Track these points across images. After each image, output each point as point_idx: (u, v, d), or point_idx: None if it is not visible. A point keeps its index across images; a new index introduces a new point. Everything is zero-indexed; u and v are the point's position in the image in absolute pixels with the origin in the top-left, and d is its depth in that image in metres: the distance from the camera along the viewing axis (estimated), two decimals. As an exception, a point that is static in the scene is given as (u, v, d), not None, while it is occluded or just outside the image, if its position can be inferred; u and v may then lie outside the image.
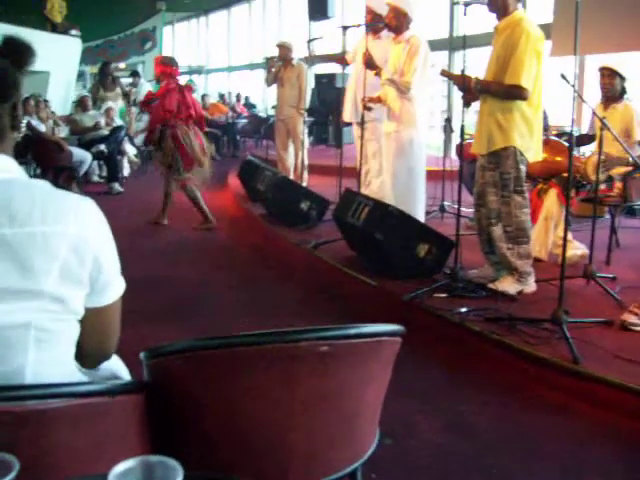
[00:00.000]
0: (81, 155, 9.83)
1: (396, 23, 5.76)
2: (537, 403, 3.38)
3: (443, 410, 3.40)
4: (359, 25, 6.53)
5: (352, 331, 1.66)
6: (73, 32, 14.27)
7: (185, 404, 1.66)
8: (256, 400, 1.62)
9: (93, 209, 1.53)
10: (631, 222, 6.18)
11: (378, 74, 5.92)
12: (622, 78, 5.34)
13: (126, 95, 12.35)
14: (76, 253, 1.43)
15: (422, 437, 3.13)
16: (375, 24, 6.30)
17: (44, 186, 1.49)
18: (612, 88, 5.39)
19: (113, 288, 1.57)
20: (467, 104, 4.55)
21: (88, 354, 1.63)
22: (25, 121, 9.38)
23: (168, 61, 7.39)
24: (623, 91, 5.35)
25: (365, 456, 1.87)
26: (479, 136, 4.44)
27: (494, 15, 4.29)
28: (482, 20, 5.35)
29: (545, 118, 5.11)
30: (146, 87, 11.72)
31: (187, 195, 7.40)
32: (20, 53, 1.56)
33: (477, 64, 4.76)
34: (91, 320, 1.55)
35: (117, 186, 10.22)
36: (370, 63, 5.91)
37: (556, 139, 5.56)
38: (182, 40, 27.85)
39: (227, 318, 4.67)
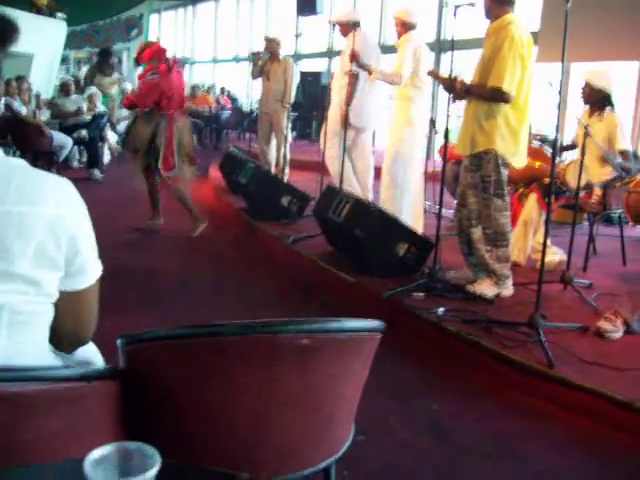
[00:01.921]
0: (62, 140, 9.73)
1: (397, 30, 6.23)
2: (511, 406, 3.39)
3: (417, 409, 3.41)
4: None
5: (333, 325, 1.64)
6: (59, 15, 14.12)
7: (161, 393, 1.64)
8: (233, 390, 1.60)
9: (71, 190, 1.48)
10: (608, 230, 6.22)
11: (369, 72, 6.15)
12: (601, 91, 5.35)
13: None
14: (52, 234, 1.40)
15: (395, 436, 3.13)
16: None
17: (21, 164, 1.44)
18: (590, 99, 5.43)
19: (89, 272, 1.53)
20: (454, 100, 4.55)
21: (64, 338, 1.60)
22: (4, 102, 9.29)
23: (151, 42, 6.92)
24: (605, 102, 5.36)
25: (340, 452, 1.86)
26: (463, 137, 4.45)
27: (486, 19, 4.30)
28: (471, 23, 5.37)
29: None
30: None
31: (175, 196, 6.73)
32: (3, 30, 1.49)
33: (465, 66, 4.75)
34: (67, 304, 1.52)
35: (97, 173, 10.14)
36: (358, 61, 6.04)
37: (537, 145, 5.59)
38: (168, 29, 27.68)
39: (203, 309, 4.63)
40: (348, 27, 6.76)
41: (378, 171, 6.55)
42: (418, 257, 4.94)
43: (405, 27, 6.14)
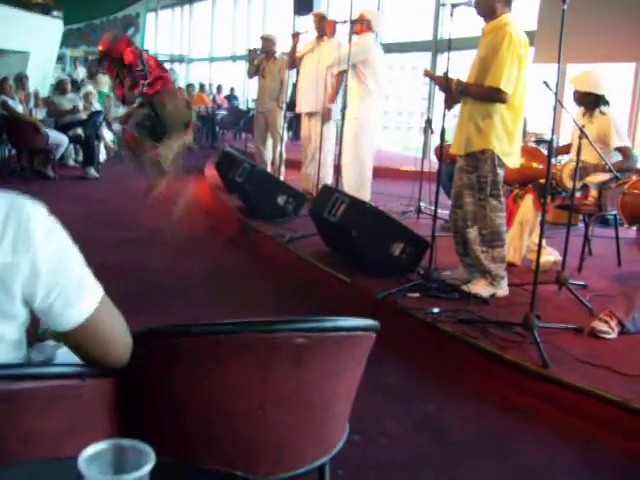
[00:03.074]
0: (58, 138, 9.74)
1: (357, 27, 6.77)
2: (506, 406, 3.40)
3: (412, 409, 3.41)
4: (345, 22, 6.83)
5: (328, 324, 1.65)
6: (55, 13, 14.09)
7: (156, 391, 1.64)
8: (229, 389, 1.61)
9: (29, 223, 1.29)
10: (604, 231, 6.24)
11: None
12: (588, 93, 5.36)
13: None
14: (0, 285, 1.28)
15: (390, 435, 3.13)
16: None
17: None
18: (580, 102, 5.44)
19: (74, 307, 1.36)
20: (449, 106, 4.56)
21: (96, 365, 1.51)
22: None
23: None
24: (598, 102, 5.36)
25: (334, 451, 1.87)
26: (458, 138, 4.44)
27: (482, 18, 4.29)
28: (468, 23, 5.39)
29: (524, 124, 5.15)
30: None
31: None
32: None
33: (461, 67, 4.75)
34: (70, 342, 1.42)
35: (93, 171, 10.13)
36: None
37: (533, 146, 5.59)
38: (165, 28, 27.66)
39: (198, 309, 4.63)
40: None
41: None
42: (413, 257, 4.94)
43: (367, 28, 6.71)
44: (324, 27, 7.59)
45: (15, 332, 1.38)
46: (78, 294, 1.36)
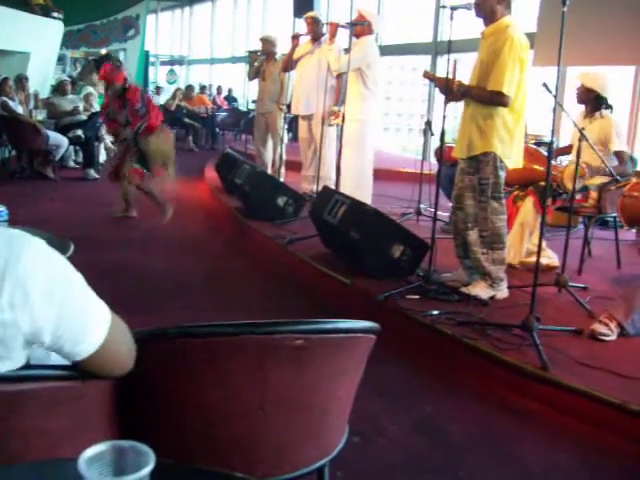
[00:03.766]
0: (58, 139, 9.73)
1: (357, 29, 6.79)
2: (505, 407, 3.40)
3: (411, 410, 3.41)
4: (347, 25, 6.86)
5: (328, 326, 1.65)
6: (55, 14, 14.09)
7: (156, 392, 1.64)
8: (228, 391, 1.61)
9: (29, 278, 1.26)
10: (603, 233, 6.24)
11: None
12: (590, 91, 5.35)
13: None
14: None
15: (389, 437, 3.13)
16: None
17: None
18: (581, 99, 5.44)
19: (85, 342, 1.36)
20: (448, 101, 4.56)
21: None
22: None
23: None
24: (599, 104, 5.36)
25: (333, 452, 1.87)
26: (460, 140, 4.44)
27: (481, 20, 4.29)
28: (468, 25, 5.40)
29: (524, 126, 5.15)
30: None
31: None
32: None
33: (461, 69, 4.75)
34: (83, 367, 1.42)
35: (93, 172, 10.11)
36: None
37: (534, 147, 5.59)
38: (165, 29, 27.69)
39: (196, 311, 4.62)
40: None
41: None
42: (413, 259, 4.94)
43: (368, 30, 6.81)
44: (318, 30, 7.64)
45: (16, 365, 1.37)
46: (85, 331, 1.36)
